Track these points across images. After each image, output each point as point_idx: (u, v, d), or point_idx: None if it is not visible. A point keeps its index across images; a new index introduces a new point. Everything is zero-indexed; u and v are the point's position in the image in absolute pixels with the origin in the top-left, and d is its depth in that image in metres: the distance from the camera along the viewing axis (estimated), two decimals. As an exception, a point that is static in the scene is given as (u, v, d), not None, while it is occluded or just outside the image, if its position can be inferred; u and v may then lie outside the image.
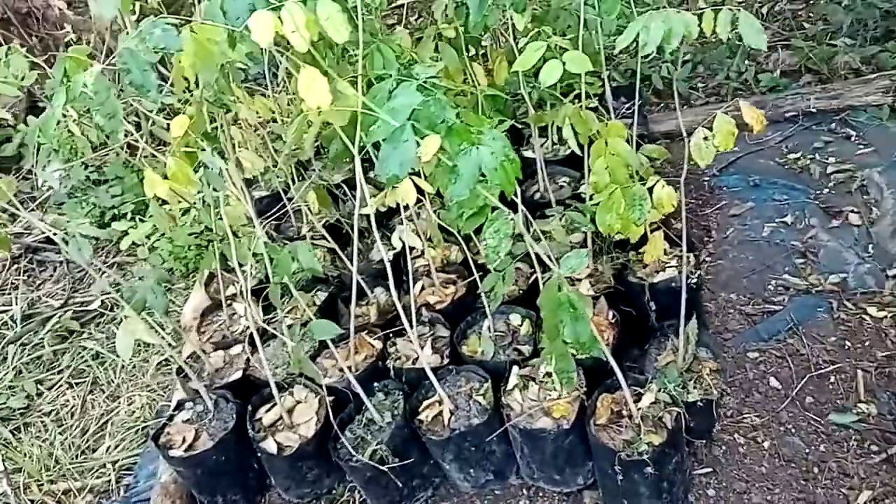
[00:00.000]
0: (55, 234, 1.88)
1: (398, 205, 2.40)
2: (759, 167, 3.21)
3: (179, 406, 2.30)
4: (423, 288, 2.61)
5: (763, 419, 2.25)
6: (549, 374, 2.16)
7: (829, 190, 2.99)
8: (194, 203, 2.53)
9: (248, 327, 2.64)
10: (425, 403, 2.18)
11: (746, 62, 3.81)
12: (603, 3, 1.82)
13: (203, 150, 1.79)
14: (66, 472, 2.50)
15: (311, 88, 1.36)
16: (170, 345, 2.88)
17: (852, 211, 2.84)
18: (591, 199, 2.42)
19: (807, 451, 2.15)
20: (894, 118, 3.21)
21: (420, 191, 2.00)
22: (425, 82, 1.48)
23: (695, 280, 2.28)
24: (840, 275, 2.63)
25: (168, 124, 1.77)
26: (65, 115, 3.55)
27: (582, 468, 2.12)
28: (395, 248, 2.56)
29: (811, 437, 2.18)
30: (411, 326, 2.19)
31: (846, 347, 2.41)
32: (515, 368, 2.17)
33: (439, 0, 2.19)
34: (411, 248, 2.45)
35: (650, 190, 1.69)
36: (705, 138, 1.56)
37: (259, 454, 2.18)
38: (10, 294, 3.45)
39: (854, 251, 2.68)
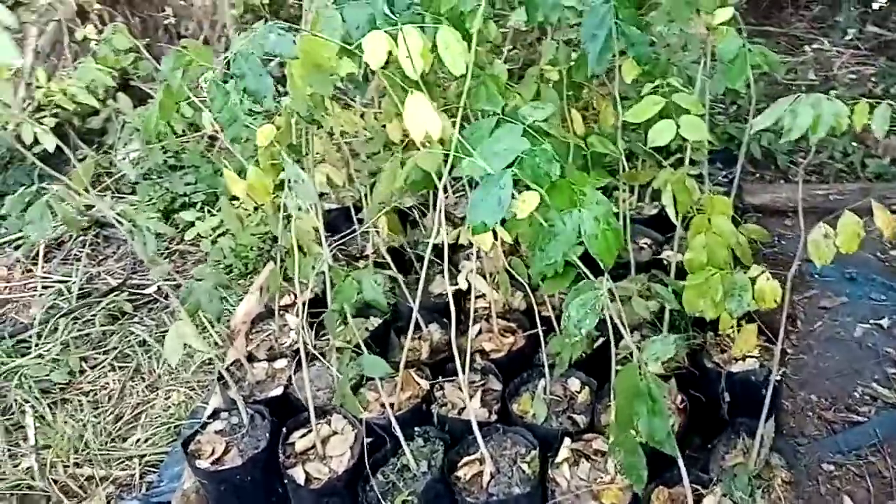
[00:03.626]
0: (122, 224, 1.83)
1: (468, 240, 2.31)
2: (857, 259, 2.97)
3: (215, 414, 2.22)
4: (479, 332, 2.49)
5: (832, 543, 2.03)
6: (602, 454, 2.00)
7: (933, 298, 2.74)
8: (264, 207, 2.48)
9: (296, 342, 2.56)
10: (465, 459, 2.04)
11: (854, 144, 3.57)
12: (729, 72, 1.67)
13: (286, 161, 1.71)
14: (93, 457, 2.46)
15: (418, 117, 1.27)
16: (216, 344, 2.85)
17: (958, 325, 2.59)
18: (672, 270, 2.27)
19: (878, 589, 1.92)
20: None
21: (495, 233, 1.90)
22: (531, 127, 1.37)
23: (778, 378, 2.09)
24: (937, 393, 2.38)
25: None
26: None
27: (623, 563, 1.94)
28: (458, 286, 2.45)
29: (884, 573, 1.96)
30: (464, 372, 2.07)
31: (936, 478, 2.17)
32: (567, 440, 2.02)
33: (547, 42, 2.09)
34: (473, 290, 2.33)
35: (752, 280, 1.53)
36: (826, 235, 1.40)
37: (286, 481, 2.08)
38: (72, 265, 3.48)
39: (956, 370, 2.43)
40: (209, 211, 3.65)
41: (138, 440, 2.55)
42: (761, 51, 1.91)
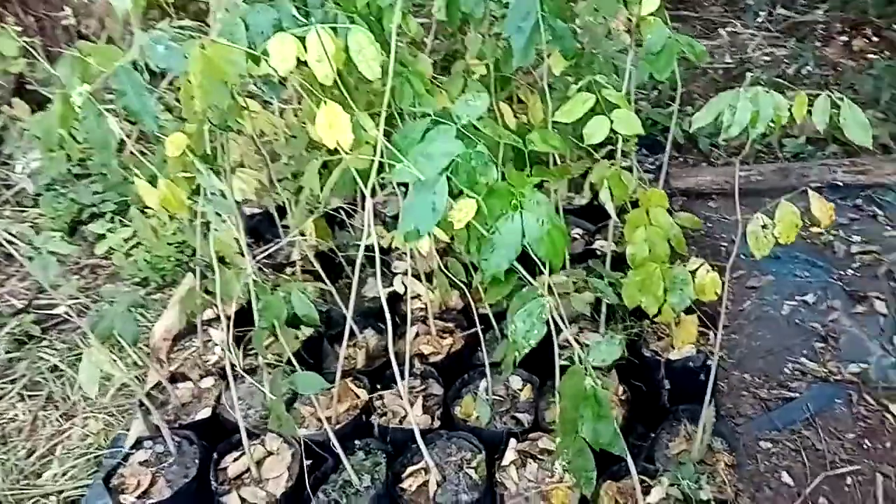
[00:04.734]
0: (18, 249, 1.66)
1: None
2: (779, 238, 3.05)
3: (137, 444, 2.07)
4: (417, 335, 2.41)
5: (773, 520, 2.07)
6: (549, 452, 1.97)
7: (853, 271, 2.84)
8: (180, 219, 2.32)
9: (222, 358, 2.42)
10: (410, 470, 1.97)
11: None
12: (655, 63, 1.64)
13: (200, 172, 1.58)
14: (2, 498, 2.25)
15: (333, 126, 1.17)
16: (136, 364, 2.66)
17: (878, 297, 2.69)
18: (608, 261, 2.25)
19: (819, 561, 1.97)
20: (924, 201, 3.08)
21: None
22: (465, 127, 1.29)
23: (716, 363, 2.10)
24: (861, 364, 2.47)
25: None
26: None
27: (575, 561, 1.91)
28: (393, 288, 2.37)
29: (824, 545, 2.01)
30: (403, 378, 1.99)
31: (865, 447, 2.24)
32: (513, 441, 1.98)
33: (472, 36, 2.01)
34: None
35: (693, 273, 1.52)
36: (764, 226, 1.39)
37: (220, 509, 1.95)
38: (-30, 288, 3.20)
39: (878, 341, 2.53)
40: (121, 221, 3.41)
41: (55, 475, 2.35)
42: (688, 41, 1.90)
